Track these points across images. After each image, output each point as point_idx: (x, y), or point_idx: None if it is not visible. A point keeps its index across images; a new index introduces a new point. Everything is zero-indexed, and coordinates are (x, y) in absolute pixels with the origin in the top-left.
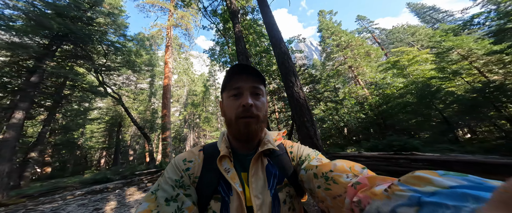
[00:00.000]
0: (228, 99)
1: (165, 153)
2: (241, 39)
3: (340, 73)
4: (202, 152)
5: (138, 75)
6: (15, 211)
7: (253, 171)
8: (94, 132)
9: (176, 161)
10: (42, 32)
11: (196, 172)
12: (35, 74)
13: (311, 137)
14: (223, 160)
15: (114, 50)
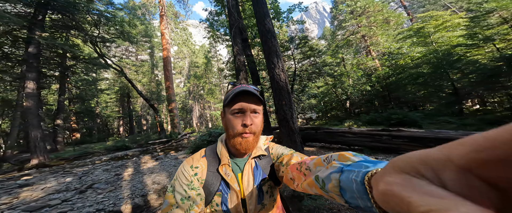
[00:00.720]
0: (232, 116)
1: (173, 123)
2: (233, 9)
3: (350, 43)
4: (205, 158)
5: (136, 46)
6: (56, 172)
7: (245, 172)
8: (107, 101)
9: (185, 168)
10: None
11: (202, 175)
12: (32, 45)
13: (287, 120)
14: (223, 167)
15: (105, 20)
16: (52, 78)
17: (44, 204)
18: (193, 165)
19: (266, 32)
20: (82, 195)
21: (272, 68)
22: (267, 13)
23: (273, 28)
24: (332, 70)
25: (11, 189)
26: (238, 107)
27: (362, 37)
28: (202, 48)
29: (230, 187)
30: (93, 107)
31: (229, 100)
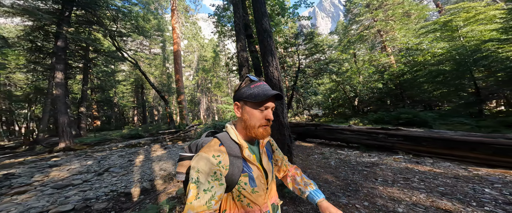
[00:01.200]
0: (257, 110)
1: (181, 115)
2: (238, 5)
3: (364, 38)
4: (223, 146)
5: (150, 40)
6: (79, 155)
7: (262, 153)
8: (123, 92)
9: (208, 158)
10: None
11: (225, 162)
12: (60, 39)
13: (278, 115)
14: (246, 150)
15: (122, 15)
16: (77, 69)
17: (68, 183)
18: (214, 154)
19: (263, 31)
20: (100, 177)
21: (267, 66)
22: (265, 13)
23: (270, 27)
24: (337, 67)
25: (43, 169)
26: (268, 106)
27: (378, 32)
28: (211, 42)
29: (251, 165)
30: (111, 96)
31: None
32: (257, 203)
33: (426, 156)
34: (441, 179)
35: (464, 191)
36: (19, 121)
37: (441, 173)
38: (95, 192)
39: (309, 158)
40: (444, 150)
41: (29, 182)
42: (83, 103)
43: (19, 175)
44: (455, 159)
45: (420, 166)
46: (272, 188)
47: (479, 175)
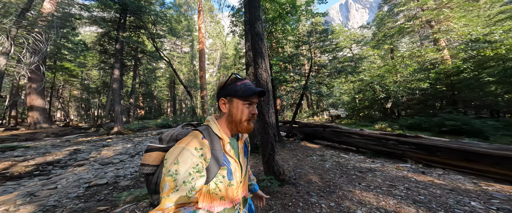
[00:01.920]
0: (243, 106)
1: (203, 109)
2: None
3: (405, 31)
4: (205, 140)
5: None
6: (124, 139)
7: (240, 148)
8: (160, 86)
9: (191, 152)
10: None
11: (207, 155)
12: (118, 43)
13: (263, 114)
14: (227, 144)
15: (160, 19)
16: (130, 67)
17: (110, 161)
18: (197, 147)
19: (255, 34)
20: (132, 159)
21: (256, 68)
22: (258, 17)
23: (263, 31)
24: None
25: (98, 147)
26: (250, 100)
27: (426, 23)
28: (233, 40)
29: (231, 159)
30: (152, 90)
31: (247, 95)
32: (230, 196)
33: (438, 167)
34: (431, 190)
35: (444, 202)
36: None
37: (439, 184)
38: (125, 171)
39: (306, 158)
40: (462, 163)
41: (87, 158)
42: (132, 95)
43: (83, 151)
44: (473, 173)
45: (422, 176)
46: (245, 182)
47: (486, 190)
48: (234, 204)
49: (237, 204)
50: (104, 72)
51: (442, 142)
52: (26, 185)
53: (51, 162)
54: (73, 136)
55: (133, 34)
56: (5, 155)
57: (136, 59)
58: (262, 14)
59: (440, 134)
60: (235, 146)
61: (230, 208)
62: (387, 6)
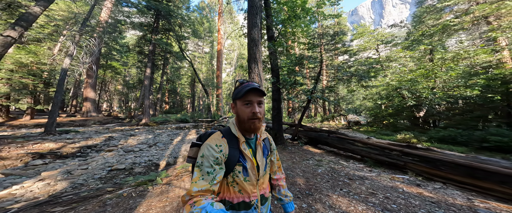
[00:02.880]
0: (242, 106)
1: (218, 107)
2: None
3: (451, 29)
4: (225, 139)
5: (202, 41)
6: (150, 129)
7: (258, 148)
8: (183, 84)
9: (212, 146)
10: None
11: (226, 151)
12: (151, 44)
13: None
14: (243, 143)
15: (185, 22)
16: (160, 65)
17: (132, 149)
18: (217, 144)
19: (251, 40)
20: (149, 148)
21: (250, 72)
22: (255, 24)
23: (259, 37)
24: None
25: (126, 136)
26: (248, 100)
27: (482, 19)
28: None
29: (246, 158)
30: (176, 87)
31: (241, 95)
32: (247, 191)
33: (439, 181)
34: (411, 200)
35: (413, 212)
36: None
37: (425, 196)
38: (140, 159)
39: (301, 162)
40: (466, 179)
41: (116, 145)
42: (160, 91)
43: (115, 138)
44: (475, 190)
45: (414, 188)
46: (264, 181)
47: (475, 206)
48: (251, 199)
49: (254, 200)
50: (140, 70)
51: (450, 156)
52: (68, 164)
53: (90, 146)
54: (112, 124)
55: (164, 36)
56: (61, 137)
57: (164, 59)
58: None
59: (479, 150)
60: (252, 146)
61: (247, 202)
62: (428, 0)
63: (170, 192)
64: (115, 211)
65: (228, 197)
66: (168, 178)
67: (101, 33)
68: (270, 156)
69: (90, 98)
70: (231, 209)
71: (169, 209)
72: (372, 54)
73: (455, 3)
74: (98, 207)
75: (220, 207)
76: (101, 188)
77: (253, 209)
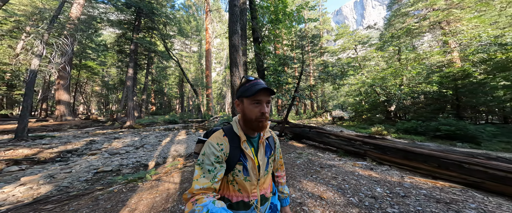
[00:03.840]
0: (250, 105)
1: (208, 107)
2: (244, 12)
3: (413, 32)
4: (226, 137)
5: (190, 40)
6: (136, 132)
7: (260, 148)
8: (170, 84)
9: (213, 145)
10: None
11: (227, 150)
12: (132, 44)
13: (235, 114)
14: (244, 142)
15: (169, 21)
16: (143, 65)
17: (117, 152)
18: (218, 142)
19: (232, 46)
20: (136, 150)
21: (231, 76)
22: (235, 31)
23: (239, 44)
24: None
25: (110, 139)
26: (257, 99)
27: (436, 24)
28: None
29: (247, 157)
30: (163, 87)
31: (251, 94)
32: (246, 190)
33: (386, 164)
34: (361, 181)
35: (358, 188)
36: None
37: (373, 177)
38: (128, 161)
39: (284, 155)
40: (403, 160)
41: (100, 148)
42: (144, 92)
43: (98, 142)
44: (409, 169)
45: (368, 171)
46: (266, 181)
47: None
48: (250, 199)
49: (253, 200)
50: (121, 70)
51: (394, 143)
52: (48, 169)
53: (70, 151)
54: (92, 128)
55: (147, 35)
56: (35, 142)
57: (148, 59)
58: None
59: (433, 139)
60: (255, 145)
61: (246, 202)
62: (396, 5)
63: (159, 186)
64: (108, 204)
65: (227, 195)
66: (157, 175)
67: (74, 31)
68: (273, 155)
69: (64, 101)
70: (230, 208)
71: (159, 199)
72: (352, 54)
73: (416, 9)
74: (91, 202)
75: (222, 205)
76: (90, 188)
77: (252, 209)
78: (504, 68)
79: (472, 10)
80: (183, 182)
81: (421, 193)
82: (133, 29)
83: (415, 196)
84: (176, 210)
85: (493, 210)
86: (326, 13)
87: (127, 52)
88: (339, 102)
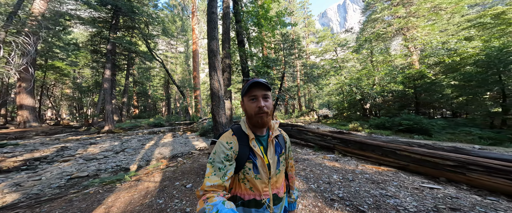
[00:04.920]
0: (249, 102)
1: (196, 108)
2: (227, 16)
3: (382, 37)
4: (235, 136)
5: (176, 40)
6: (116, 136)
7: (269, 146)
8: (155, 86)
9: (222, 143)
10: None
11: (236, 148)
12: (109, 43)
13: (214, 115)
14: (252, 141)
15: (152, 20)
16: (123, 66)
17: (94, 157)
18: (228, 141)
19: (210, 51)
20: (116, 155)
21: (211, 79)
22: (214, 37)
23: (217, 48)
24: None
25: (85, 145)
26: (252, 94)
27: (399, 30)
28: None
29: (256, 155)
30: (147, 89)
31: (245, 91)
32: (258, 189)
33: (349, 155)
34: (325, 171)
35: (320, 177)
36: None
37: (335, 167)
38: (106, 165)
39: None
40: (359, 151)
41: (73, 154)
42: (125, 94)
43: (70, 148)
44: (364, 158)
45: (333, 162)
46: (278, 180)
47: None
48: (262, 198)
49: (265, 198)
50: (96, 71)
51: (354, 137)
52: (13, 178)
53: (39, 158)
54: (63, 134)
55: (126, 34)
56: None
57: (129, 59)
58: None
59: (397, 132)
60: (264, 143)
61: (258, 200)
62: (369, 11)
63: (139, 185)
64: (82, 204)
65: (239, 193)
66: (137, 176)
67: (37, 29)
68: (283, 154)
69: (27, 106)
70: (242, 206)
71: (137, 196)
72: (333, 56)
73: (383, 16)
74: (64, 204)
75: (231, 206)
76: (62, 193)
77: (265, 208)
78: (452, 70)
79: (426, 19)
80: (164, 181)
81: (365, 177)
82: (110, 28)
83: (359, 180)
84: (153, 204)
85: (407, 185)
86: (311, 16)
87: (103, 53)
88: (324, 102)
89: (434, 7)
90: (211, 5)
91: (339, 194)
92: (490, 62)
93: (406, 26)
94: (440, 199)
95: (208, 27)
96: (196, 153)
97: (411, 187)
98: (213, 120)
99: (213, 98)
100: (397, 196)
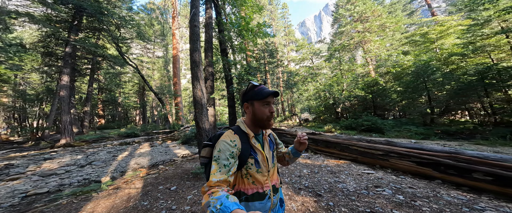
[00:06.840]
0: (261, 107)
1: (177, 116)
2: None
3: (347, 48)
4: (236, 135)
5: (153, 44)
6: (74, 151)
7: (265, 143)
8: (127, 93)
9: (227, 142)
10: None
11: (239, 145)
12: (68, 46)
13: (197, 122)
14: (252, 138)
15: (124, 23)
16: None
17: (53, 172)
18: (231, 139)
19: (193, 62)
20: (81, 169)
21: (193, 88)
22: (196, 49)
23: (199, 60)
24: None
25: (38, 161)
26: (268, 101)
27: (359, 43)
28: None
29: (257, 151)
30: (116, 96)
31: (262, 97)
32: (260, 182)
33: (318, 153)
34: (298, 167)
35: (293, 172)
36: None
37: (306, 163)
38: (70, 179)
39: None
40: (326, 148)
41: (23, 171)
42: (87, 103)
43: (18, 165)
44: (330, 155)
45: (306, 160)
46: (274, 173)
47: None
48: (264, 190)
49: (267, 190)
50: (49, 77)
51: (322, 136)
52: None
53: None
54: (2, 151)
55: (91, 36)
56: None
57: (93, 64)
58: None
59: (360, 132)
60: (260, 140)
61: (261, 193)
62: (336, 25)
63: (119, 192)
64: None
65: (243, 188)
66: (115, 185)
67: None
68: (276, 149)
69: None
70: (245, 201)
71: (119, 201)
72: (309, 63)
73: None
74: None
75: (235, 200)
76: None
77: (268, 198)
78: (397, 78)
79: (376, 35)
80: (146, 186)
81: (327, 169)
82: (70, 28)
83: (322, 172)
84: (138, 206)
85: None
86: (291, 25)
87: (60, 56)
88: (305, 106)
89: (381, 24)
90: (194, 19)
91: (305, 184)
92: (419, 73)
93: (363, 39)
94: (371, 180)
95: (190, 39)
96: (179, 159)
97: (355, 174)
98: (196, 127)
99: (196, 106)
100: (344, 182)
